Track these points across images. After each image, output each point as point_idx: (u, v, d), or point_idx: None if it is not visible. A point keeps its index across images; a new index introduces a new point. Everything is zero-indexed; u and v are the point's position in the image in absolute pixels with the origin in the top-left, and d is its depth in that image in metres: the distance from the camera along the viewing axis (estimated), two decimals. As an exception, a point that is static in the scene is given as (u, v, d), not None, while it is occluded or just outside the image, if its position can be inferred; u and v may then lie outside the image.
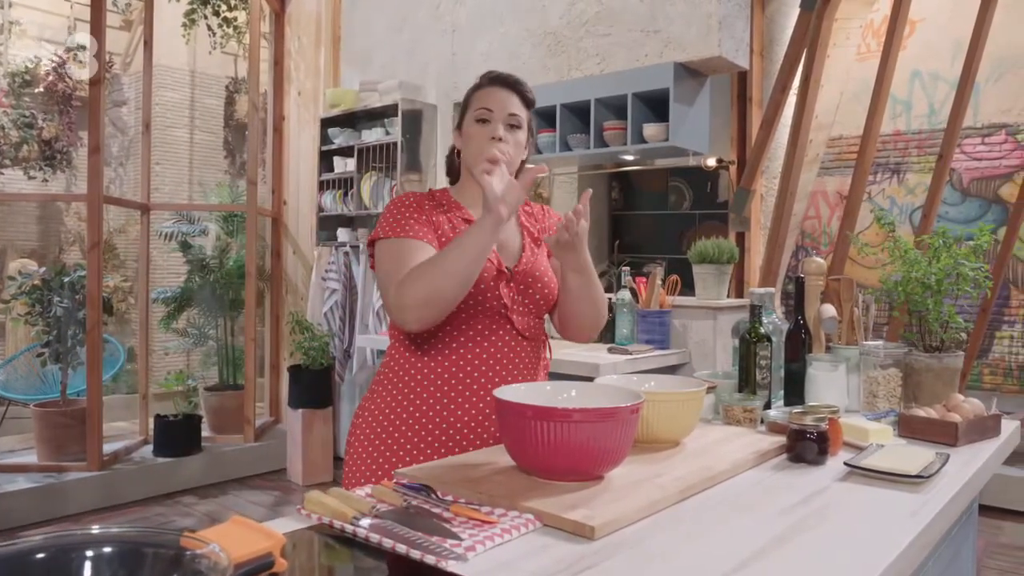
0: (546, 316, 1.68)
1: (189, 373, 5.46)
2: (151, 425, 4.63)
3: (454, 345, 1.54)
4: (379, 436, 1.56)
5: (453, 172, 1.74)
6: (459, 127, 1.67)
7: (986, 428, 1.65)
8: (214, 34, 5.70)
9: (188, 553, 0.65)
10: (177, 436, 4.52)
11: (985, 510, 3.50)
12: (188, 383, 5.03)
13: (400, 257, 1.50)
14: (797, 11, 4.01)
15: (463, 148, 1.65)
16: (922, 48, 4.60)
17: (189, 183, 6.34)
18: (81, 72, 5.50)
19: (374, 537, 1.00)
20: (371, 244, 1.59)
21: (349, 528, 1.03)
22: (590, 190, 1.57)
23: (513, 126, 1.61)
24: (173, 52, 6.02)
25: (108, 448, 4.31)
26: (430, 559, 0.94)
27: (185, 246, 5.30)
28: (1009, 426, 1.75)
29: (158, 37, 5.08)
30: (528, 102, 1.66)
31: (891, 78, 3.87)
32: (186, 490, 4.40)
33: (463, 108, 1.67)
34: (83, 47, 5.29)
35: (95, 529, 0.67)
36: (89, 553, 0.65)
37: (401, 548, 0.97)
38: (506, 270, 1.58)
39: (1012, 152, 4.44)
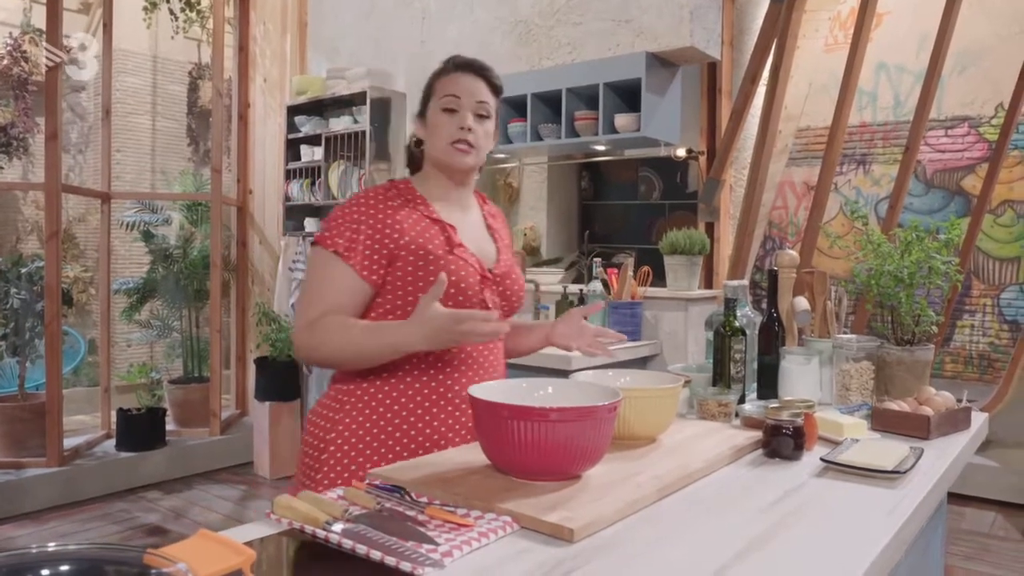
0: None
1: (153, 365, 5.35)
2: (113, 419, 4.53)
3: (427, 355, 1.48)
4: (354, 437, 1.46)
5: (414, 163, 1.66)
6: (421, 115, 1.58)
7: (957, 421, 1.66)
8: (176, 19, 5.56)
9: (153, 572, 0.61)
10: (140, 430, 4.42)
11: (947, 497, 3.56)
12: (151, 376, 4.92)
13: (325, 285, 1.45)
14: (767, 2, 4.02)
15: (428, 138, 1.56)
16: (888, 41, 4.64)
17: (151, 171, 6.20)
18: (38, 55, 5.34)
19: (347, 543, 0.97)
20: (317, 243, 1.50)
21: (321, 533, 1.00)
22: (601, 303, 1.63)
23: (481, 115, 1.54)
24: (134, 36, 5.86)
25: (68, 443, 4.21)
26: (406, 566, 0.91)
27: (148, 236, 5.18)
28: (979, 418, 1.77)
29: (118, 21, 4.94)
30: (496, 89, 1.58)
31: (859, 70, 3.90)
32: (150, 485, 4.31)
33: (426, 95, 1.59)
34: (40, 30, 5.12)
35: (52, 546, 0.63)
36: (45, 573, 0.61)
37: (376, 554, 0.94)
38: (488, 273, 1.55)
39: (974, 144, 4.51)
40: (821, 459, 1.36)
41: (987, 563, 3.26)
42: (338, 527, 1.00)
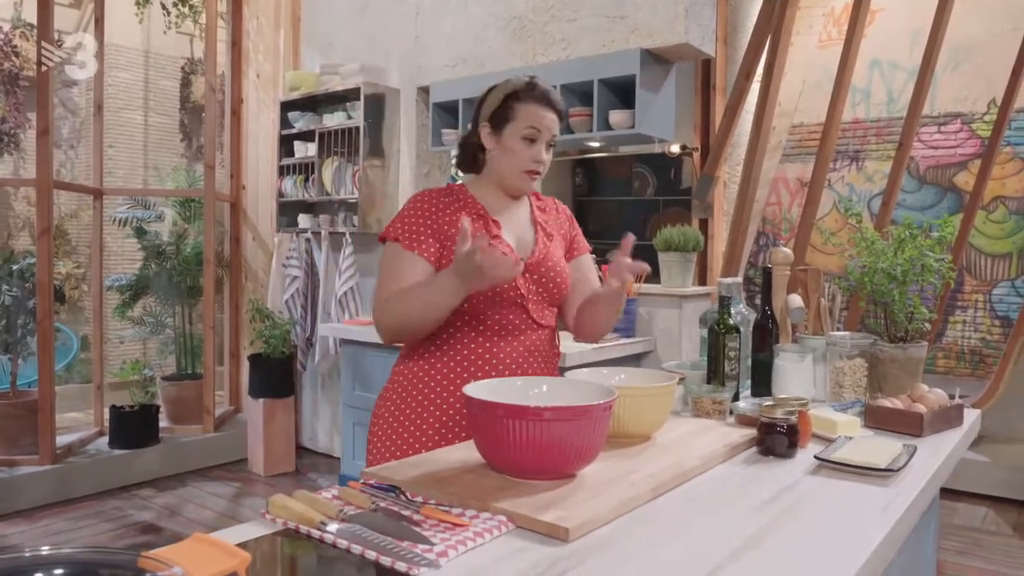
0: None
1: (146, 362, 5.33)
2: (106, 416, 4.51)
3: (473, 334, 1.62)
4: (401, 423, 1.62)
5: (469, 164, 1.75)
6: (493, 127, 1.66)
7: (950, 418, 1.67)
8: (168, 13, 5.53)
9: None
10: (134, 427, 4.41)
11: (939, 492, 3.58)
12: (145, 372, 4.91)
13: (396, 270, 1.61)
14: (761, -2, 4.01)
15: (501, 158, 1.67)
16: (882, 37, 4.64)
17: (144, 167, 6.16)
18: (29, 50, 5.30)
19: (342, 543, 0.97)
20: (382, 239, 1.66)
21: (316, 533, 1.00)
22: (631, 235, 1.64)
23: (550, 145, 1.69)
24: (126, 31, 5.82)
25: (61, 440, 4.19)
26: (401, 566, 0.91)
27: (140, 232, 5.15)
28: (971, 415, 1.78)
29: (110, 15, 4.91)
30: (562, 119, 1.72)
31: (853, 66, 3.90)
32: (143, 483, 4.30)
33: (502, 113, 1.65)
34: (31, 25, 5.09)
35: (45, 550, 0.63)
36: (38, 577, 0.61)
37: (371, 554, 0.94)
38: (521, 262, 1.61)
39: (967, 141, 4.52)
40: (815, 457, 1.36)
41: (979, 558, 3.27)
42: (333, 527, 1.00)
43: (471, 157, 1.74)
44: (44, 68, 3.90)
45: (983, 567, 3.18)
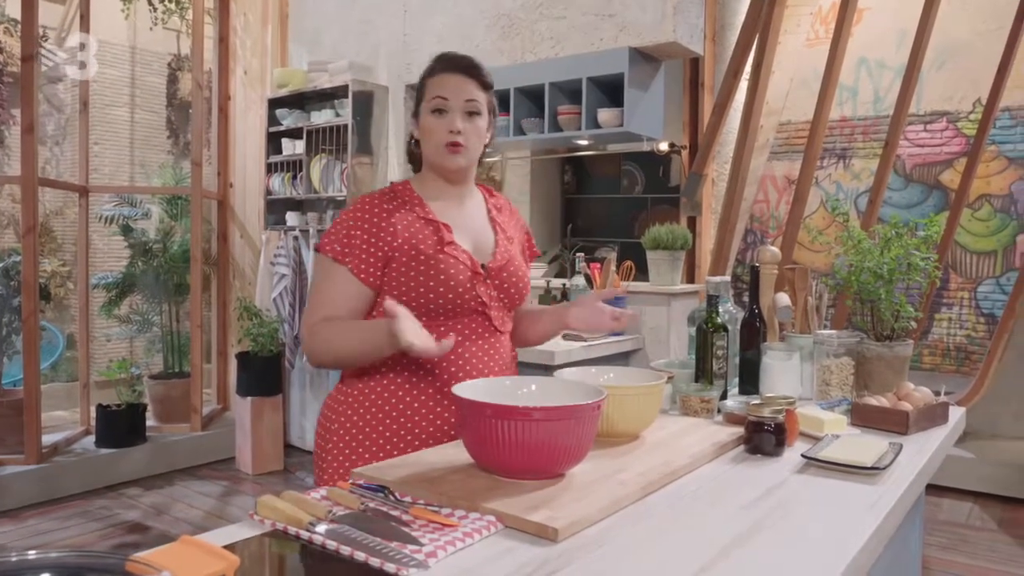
0: None
1: (133, 361, 5.29)
2: (93, 415, 4.48)
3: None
4: (356, 438, 1.52)
5: (415, 161, 1.67)
6: (416, 115, 1.59)
7: (935, 416, 1.68)
8: (155, 9, 5.49)
9: (135, 579, 0.61)
10: (120, 426, 4.38)
11: (925, 488, 3.61)
12: (132, 371, 4.87)
13: (324, 289, 1.52)
14: (749, -3, 4.03)
15: (421, 140, 1.59)
16: (868, 36, 4.67)
17: (130, 164, 6.12)
18: (13, 46, 5.25)
19: (331, 544, 0.97)
20: (317, 249, 1.57)
21: (305, 534, 1.00)
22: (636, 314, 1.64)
23: (471, 112, 1.54)
24: (112, 27, 5.78)
25: (47, 439, 4.16)
26: (390, 567, 0.91)
27: (127, 229, 5.12)
28: (956, 413, 1.79)
29: (95, 11, 4.87)
30: (486, 85, 1.58)
31: (840, 65, 3.92)
32: (130, 482, 4.28)
33: (418, 95, 1.60)
34: (15, 20, 5.04)
35: (32, 554, 0.62)
36: (25, 581, 0.60)
37: (360, 555, 0.94)
38: (481, 269, 1.56)
39: (952, 139, 4.56)
40: (802, 455, 1.37)
41: (964, 553, 3.30)
42: (322, 528, 1.00)
43: (412, 154, 1.66)
44: (28, 64, 3.86)
45: (968, 562, 3.21)
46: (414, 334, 1.34)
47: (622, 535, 1.03)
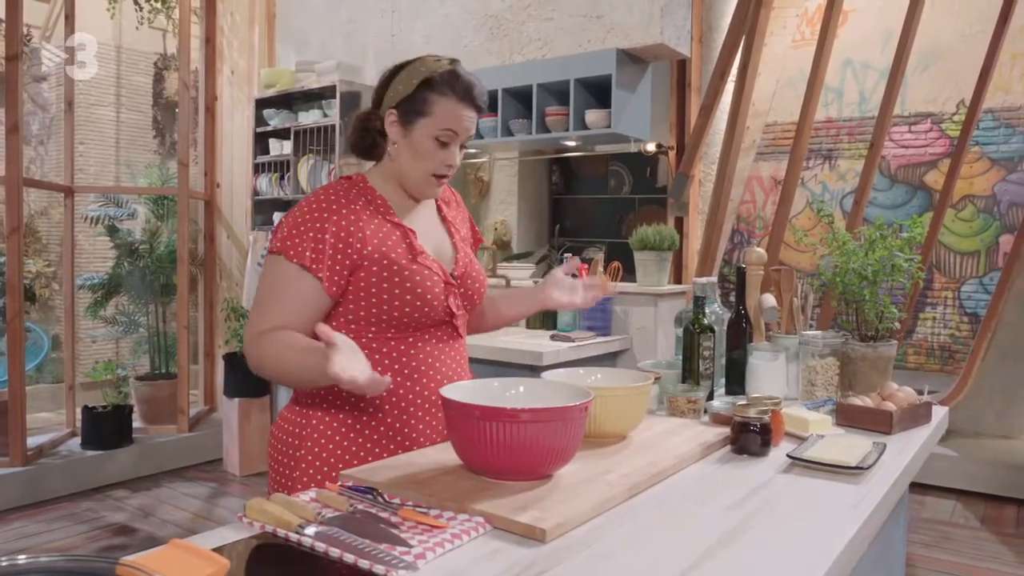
0: None
1: (119, 362, 5.26)
2: (79, 417, 4.45)
3: (396, 355, 1.44)
4: (324, 438, 1.44)
5: (366, 150, 1.51)
6: (402, 118, 1.44)
7: (918, 415, 1.70)
8: (141, 8, 5.46)
9: (125, 583, 0.61)
10: (107, 428, 4.35)
11: (909, 486, 3.64)
12: (118, 372, 4.84)
13: (284, 297, 1.39)
14: (736, -1, 4.05)
15: (406, 154, 1.45)
16: (854, 38, 4.71)
17: (116, 164, 6.08)
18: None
19: (320, 546, 0.97)
20: (270, 249, 1.44)
21: (294, 537, 1.00)
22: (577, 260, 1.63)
23: (463, 147, 1.49)
24: (97, 25, 5.74)
25: (32, 442, 4.13)
26: (379, 569, 0.91)
27: (112, 230, 5.09)
28: (939, 412, 1.81)
29: (81, 9, 4.84)
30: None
31: (826, 66, 3.95)
32: (117, 484, 4.25)
33: (416, 104, 1.42)
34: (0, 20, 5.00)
35: (22, 559, 0.62)
36: (15, 586, 0.61)
37: (349, 557, 0.94)
38: (452, 279, 1.50)
39: (937, 140, 4.60)
40: (787, 455, 1.38)
41: (947, 550, 3.34)
42: (311, 530, 1.00)
43: (370, 143, 1.49)
44: (12, 64, 3.84)
45: (951, 560, 3.25)
46: (342, 366, 1.18)
47: (609, 535, 1.04)
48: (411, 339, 1.45)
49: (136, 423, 4.62)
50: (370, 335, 1.43)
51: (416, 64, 1.46)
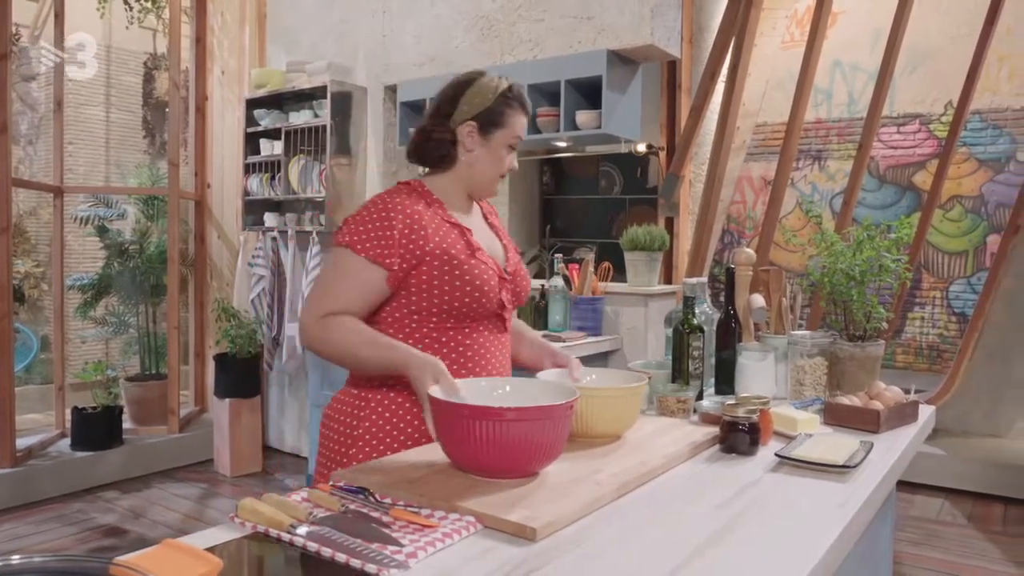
0: None
1: (109, 363, 5.25)
2: (68, 418, 4.43)
3: (454, 344, 1.56)
4: (381, 421, 1.53)
5: (432, 159, 1.63)
6: (481, 129, 1.58)
7: (905, 415, 1.72)
8: (131, 8, 5.44)
9: (119, 583, 0.61)
10: (97, 429, 4.33)
11: (896, 484, 3.67)
12: (108, 373, 4.83)
13: (352, 284, 1.50)
14: (726, 0, 4.07)
15: (483, 161, 1.61)
16: (843, 39, 4.74)
17: (106, 164, 6.06)
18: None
19: (312, 546, 0.98)
20: (337, 242, 1.55)
21: (286, 537, 1.01)
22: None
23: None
24: (87, 25, 5.72)
25: (22, 443, 4.12)
26: (371, 568, 0.92)
27: (102, 230, 5.07)
28: (925, 411, 1.83)
29: (70, 8, 4.82)
30: None
31: (815, 67, 3.97)
32: (107, 485, 4.24)
33: (494, 116, 1.59)
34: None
35: (16, 559, 0.63)
36: (8, 586, 0.61)
37: (340, 557, 0.95)
38: (505, 274, 1.62)
39: (925, 141, 4.64)
40: (776, 454, 1.40)
41: (935, 548, 3.37)
42: (303, 530, 1.01)
43: (444, 153, 1.61)
44: (1, 63, 3.82)
45: (939, 557, 3.27)
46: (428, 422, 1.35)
47: (599, 535, 1.05)
48: (467, 329, 1.57)
49: (126, 424, 4.61)
50: (431, 324, 1.55)
51: (485, 81, 1.62)
